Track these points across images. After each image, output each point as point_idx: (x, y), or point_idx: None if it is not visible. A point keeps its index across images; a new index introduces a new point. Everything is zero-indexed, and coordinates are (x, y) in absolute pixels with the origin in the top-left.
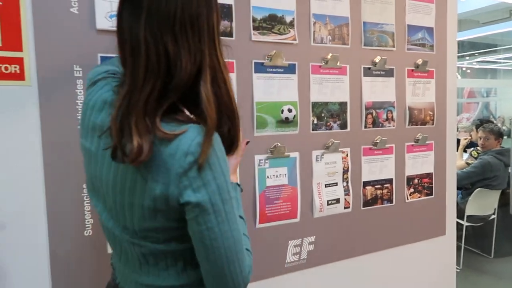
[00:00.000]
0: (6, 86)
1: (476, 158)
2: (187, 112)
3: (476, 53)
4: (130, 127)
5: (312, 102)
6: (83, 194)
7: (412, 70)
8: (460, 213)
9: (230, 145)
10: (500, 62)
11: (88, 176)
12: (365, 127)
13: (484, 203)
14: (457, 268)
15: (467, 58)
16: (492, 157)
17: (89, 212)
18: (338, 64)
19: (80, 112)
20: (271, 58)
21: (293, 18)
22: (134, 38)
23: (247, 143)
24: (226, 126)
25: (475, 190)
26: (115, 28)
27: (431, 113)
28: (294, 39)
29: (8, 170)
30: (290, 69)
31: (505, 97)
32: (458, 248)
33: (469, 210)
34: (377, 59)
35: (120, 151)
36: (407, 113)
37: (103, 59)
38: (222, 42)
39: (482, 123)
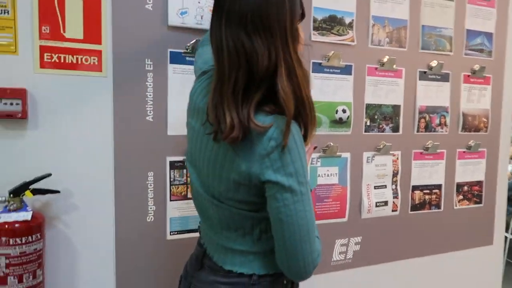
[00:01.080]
0: (86, 76)
1: None
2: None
3: None
4: (224, 113)
5: (366, 104)
6: (147, 182)
7: (469, 75)
8: (506, 225)
9: (303, 136)
10: None
11: (189, 148)
12: (417, 131)
13: None
14: None
15: None
16: None
17: (152, 199)
18: (394, 67)
19: (150, 103)
20: (329, 58)
21: (353, 20)
22: (218, 38)
23: (315, 148)
24: (300, 118)
25: None
26: (185, 25)
27: (485, 120)
28: (352, 41)
29: (82, 154)
30: (346, 70)
31: None
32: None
33: None
34: (433, 63)
35: (220, 134)
36: (460, 119)
37: (173, 54)
38: (299, 40)
39: None
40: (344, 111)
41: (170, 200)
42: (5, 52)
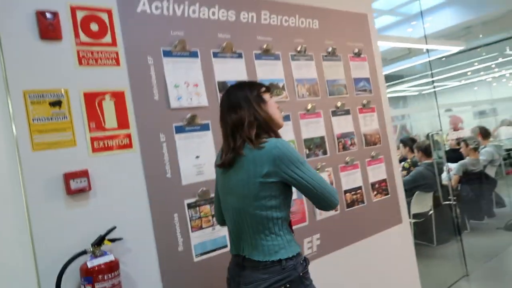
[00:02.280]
0: (122, 153)
1: (407, 169)
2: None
3: (389, 84)
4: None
5: (303, 139)
6: (174, 221)
7: (361, 108)
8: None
9: None
10: (408, 90)
11: (217, 188)
12: (338, 151)
13: (422, 203)
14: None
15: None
16: (423, 168)
17: (179, 233)
18: (315, 110)
19: (167, 165)
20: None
21: (284, 84)
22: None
23: None
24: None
25: (415, 193)
26: (181, 106)
27: (378, 136)
28: (286, 97)
29: (128, 209)
30: (286, 118)
31: (416, 118)
32: None
33: (413, 209)
34: (338, 104)
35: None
36: (363, 138)
37: (176, 127)
38: (267, 104)
39: (406, 141)
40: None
41: (191, 231)
42: (68, 146)
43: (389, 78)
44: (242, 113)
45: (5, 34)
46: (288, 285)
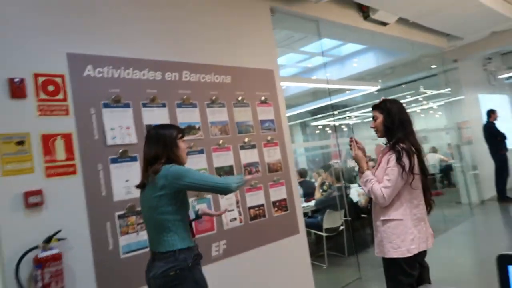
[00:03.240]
0: (68, 177)
1: (325, 191)
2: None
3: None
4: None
5: (215, 167)
6: (106, 228)
7: (266, 143)
8: (321, 228)
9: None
10: (352, 118)
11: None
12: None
13: (333, 219)
14: (323, 265)
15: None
16: (334, 190)
17: (110, 237)
18: (226, 145)
19: (103, 186)
20: (191, 147)
21: (200, 126)
22: (144, 150)
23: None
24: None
25: (326, 211)
26: (116, 143)
27: (279, 164)
28: (201, 136)
29: (73, 217)
30: (201, 152)
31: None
32: (322, 251)
33: (325, 224)
34: (246, 140)
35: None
36: (266, 166)
37: (112, 159)
38: (179, 148)
39: (326, 167)
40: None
41: (120, 235)
42: (28, 172)
43: (335, 107)
44: (159, 151)
45: None
46: (178, 271)
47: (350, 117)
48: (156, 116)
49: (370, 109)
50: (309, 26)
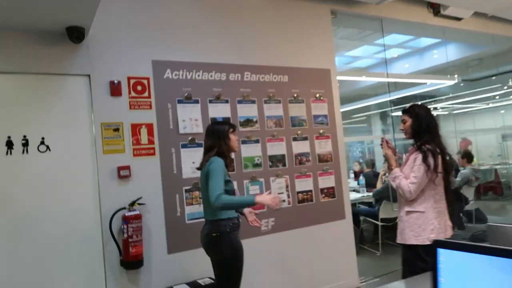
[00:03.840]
0: (149, 157)
1: (385, 182)
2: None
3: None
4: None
5: (268, 155)
6: (176, 198)
7: (318, 136)
8: (377, 217)
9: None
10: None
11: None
12: (295, 165)
13: (389, 210)
14: (377, 252)
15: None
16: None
17: (179, 205)
18: (279, 136)
19: (174, 165)
20: (248, 137)
21: (257, 119)
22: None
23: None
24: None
25: (383, 202)
26: (186, 132)
27: (330, 156)
28: (258, 128)
29: (150, 187)
30: (257, 141)
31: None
32: (377, 239)
33: (381, 214)
34: (298, 133)
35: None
36: (316, 157)
37: (182, 144)
38: (230, 140)
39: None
40: (258, 159)
41: (186, 206)
42: (120, 152)
43: (419, 97)
44: (214, 142)
45: (95, 94)
46: (218, 234)
47: (435, 108)
48: (220, 110)
49: (457, 100)
50: (373, 24)
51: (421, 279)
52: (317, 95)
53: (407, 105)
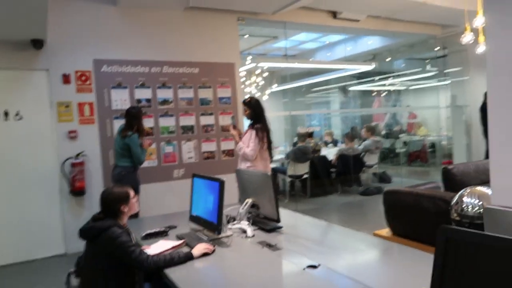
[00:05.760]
0: (89, 126)
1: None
2: None
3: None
4: None
5: (181, 125)
6: None
7: (221, 112)
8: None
9: None
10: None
11: None
12: (202, 133)
13: (298, 169)
14: (285, 200)
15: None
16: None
17: None
18: (190, 112)
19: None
20: (165, 112)
21: (172, 100)
22: None
23: None
24: None
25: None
26: (117, 108)
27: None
28: (173, 106)
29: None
30: (172, 115)
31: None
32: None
33: (289, 172)
34: (205, 109)
35: None
36: (219, 127)
37: (115, 117)
38: None
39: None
40: (172, 128)
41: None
42: (70, 121)
43: (376, 73)
44: (131, 121)
45: (52, 82)
46: (125, 173)
47: (393, 84)
48: (143, 93)
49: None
50: (278, 25)
51: None
52: (222, 83)
53: (247, 97)
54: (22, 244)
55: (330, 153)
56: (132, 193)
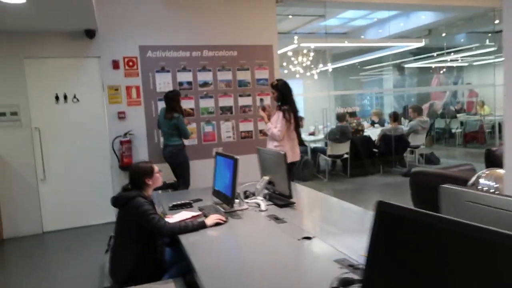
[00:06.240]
0: (136, 107)
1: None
2: None
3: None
4: None
5: (220, 106)
6: None
7: (259, 93)
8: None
9: None
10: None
11: None
12: (240, 113)
13: (338, 148)
14: (324, 179)
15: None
16: (341, 126)
17: None
18: (229, 94)
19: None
20: (205, 94)
21: (212, 82)
22: None
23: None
24: None
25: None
26: (161, 90)
27: (269, 107)
28: (212, 88)
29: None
30: (211, 97)
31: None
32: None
33: (329, 151)
34: (243, 91)
35: None
36: (256, 107)
37: (159, 99)
38: None
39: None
40: (212, 109)
41: (160, 136)
42: (119, 103)
43: (435, 49)
44: (174, 104)
45: (103, 68)
46: (176, 150)
47: (454, 59)
48: (185, 77)
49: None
50: (317, 7)
51: None
52: (260, 64)
53: (275, 81)
54: (80, 212)
55: (374, 133)
56: (156, 168)
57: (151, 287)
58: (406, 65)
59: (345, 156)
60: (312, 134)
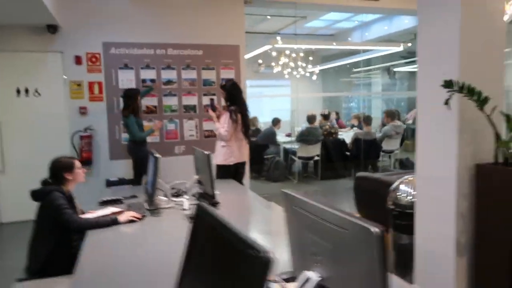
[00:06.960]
0: (98, 103)
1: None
2: None
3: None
4: None
5: (183, 105)
6: None
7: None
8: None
9: None
10: None
11: None
12: (204, 112)
13: (308, 150)
14: (294, 180)
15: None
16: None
17: None
18: (193, 92)
19: None
20: (169, 92)
21: (176, 80)
22: None
23: None
24: None
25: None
26: (123, 87)
27: None
28: (176, 86)
29: None
30: (175, 95)
31: None
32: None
33: (299, 153)
34: (208, 90)
35: None
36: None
37: (120, 95)
38: None
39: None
40: (175, 107)
41: (123, 132)
42: (81, 98)
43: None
44: (127, 101)
45: (65, 63)
46: (135, 145)
47: None
48: (148, 74)
49: None
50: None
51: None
52: (226, 64)
53: (224, 81)
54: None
55: (349, 136)
56: (78, 164)
57: (63, 281)
58: (395, 69)
59: (316, 158)
60: (289, 135)
